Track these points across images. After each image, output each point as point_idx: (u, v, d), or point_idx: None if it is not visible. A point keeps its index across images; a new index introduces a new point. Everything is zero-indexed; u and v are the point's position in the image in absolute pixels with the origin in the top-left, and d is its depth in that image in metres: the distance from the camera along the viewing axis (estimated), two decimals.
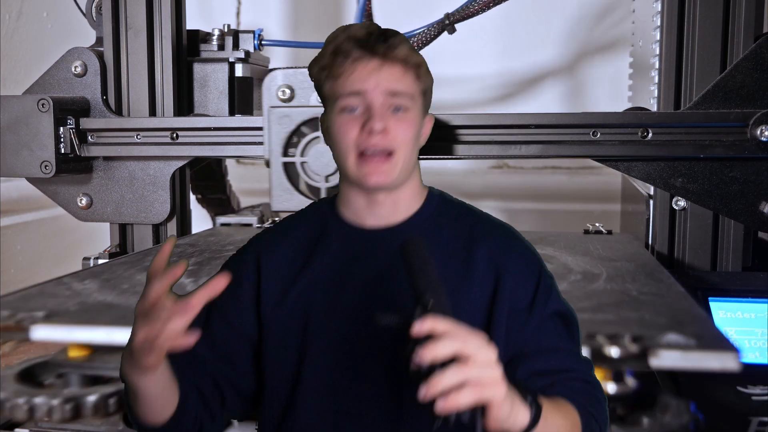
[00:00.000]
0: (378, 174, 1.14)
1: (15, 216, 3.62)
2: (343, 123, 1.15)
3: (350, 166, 1.16)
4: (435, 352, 0.89)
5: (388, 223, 1.22)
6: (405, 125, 1.15)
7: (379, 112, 1.13)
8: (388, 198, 1.20)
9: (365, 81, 1.13)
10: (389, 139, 1.14)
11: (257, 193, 3.25)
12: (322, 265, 1.21)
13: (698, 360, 1.26)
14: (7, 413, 1.57)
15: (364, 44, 1.13)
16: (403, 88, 1.15)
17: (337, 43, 1.15)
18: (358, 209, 1.22)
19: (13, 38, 3.59)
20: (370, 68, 1.13)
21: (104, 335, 1.45)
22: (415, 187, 1.24)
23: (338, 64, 1.15)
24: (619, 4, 3.99)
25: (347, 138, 1.15)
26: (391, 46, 1.14)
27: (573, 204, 4.02)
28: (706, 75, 2.08)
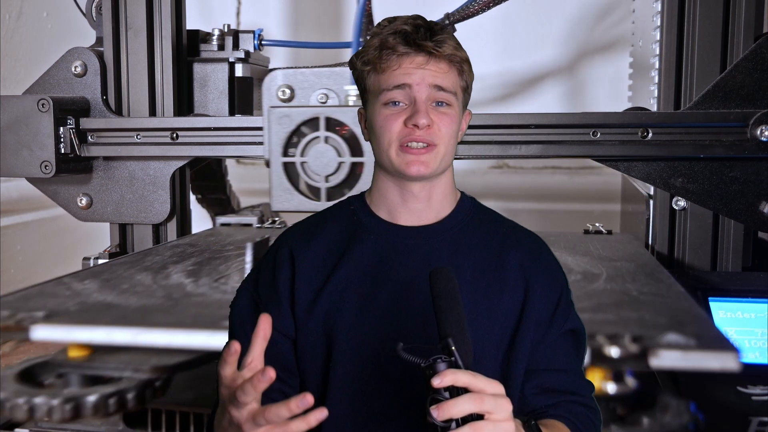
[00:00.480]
0: (419, 163, 1.14)
1: (15, 216, 3.62)
2: (388, 116, 1.15)
3: (393, 155, 1.15)
4: (452, 411, 0.89)
5: (421, 222, 1.21)
6: (447, 120, 1.15)
7: (424, 107, 1.13)
8: (423, 191, 1.20)
9: (411, 75, 1.13)
10: (432, 133, 1.14)
11: (257, 193, 3.25)
12: (354, 266, 1.19)
13: (698, 360, 1.26)
14: (7, 413, 1.57)
15: (411, 39, 1.13)
16: (448, 84, 1.15)
17: (383, 37, 1.15)
18: (393, 205, 1.21)
19: (13, 38, 3.60)
20: (417, 63, 1.13)
21: (104, 335, 1.45)
22: (448, 185, 1.24)
23: (384, 59, 1.14)
24: (619, 4, 3.99)
25: (391, 131, 1.15)
26: (438, 41, 1.13)
27: (573, 204, 4.02)
28: (706, 75, 2.08)
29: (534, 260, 1.21)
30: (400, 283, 1.16)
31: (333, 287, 1.18)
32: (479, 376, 0.92)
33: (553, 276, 1.22)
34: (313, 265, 1.20)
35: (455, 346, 0.92)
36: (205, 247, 2.29)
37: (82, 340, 1.53)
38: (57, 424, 1.64)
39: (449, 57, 1.14)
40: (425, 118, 1.12)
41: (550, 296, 1.19)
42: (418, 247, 1.19)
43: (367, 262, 1.18)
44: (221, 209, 2.96)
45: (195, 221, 2.66)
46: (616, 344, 1.27)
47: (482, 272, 1.18)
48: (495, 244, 1.21)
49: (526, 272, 1.19)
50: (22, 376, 1.63)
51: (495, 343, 1.16)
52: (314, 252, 1.21)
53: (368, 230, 1.21)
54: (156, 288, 1.78)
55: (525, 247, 1.22)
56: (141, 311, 1.60)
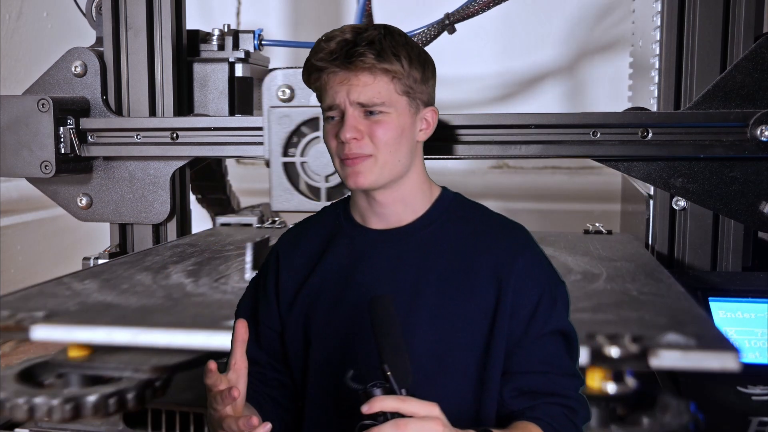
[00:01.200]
0: (356, 174, 1.17)
1: (15, 216, 3.62)
2: (327, 131, 1.21)
3: (338, 168, 1.21)
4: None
5: (392, 224, 1.24)
6: (381, 128, 1.16)
7: (349, 122, 1.16)
8: (386, 197, 1.22)
9: (337, 94, 1.17)
10: (363, 144, 1.16)
11: (257, 193, 3.25)
12: (328, 268, 1.25)
13: (698, 360, 1.26)
14: (7, 413, 1.57)
15: (330, 58, 1.16)
16: (372, 95, 1.16)
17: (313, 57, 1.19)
18: (363, 210, 1.26)
19: (13, 38, 3.60)
20: (339, 81, 1.16)
21: (104, 335, 1.45)
22: (416, 186, 1.24)
23: (313, 79, 1.20)
24: (619, 4, 3.99)
25: (330, 145, 1.20)
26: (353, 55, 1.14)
27: (573, 204, 4.02)
28: (706, 75, 2.08)
29: (511, 260, 1.19)
30: (365, 286, 1.20)
31: (309, 288, 1.25)
32: (410, 400, 0.97)
33: (534, 274, 1.20)
34: (295, 266, 1.28)
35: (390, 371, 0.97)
36: (205, 247, 2.29)
37: (82, 340, 1.53)
38: (57, 424, 1.64)
39: (369, 68, 1.15)
40: (350, 131, 1.15)
41: (528, 296, 1.17)
42: (386, 249, 1.22)
43: (339, 264, 1.24)
44: (221, 209, 2.96)
45: (195, 221, 2.66)
46: (616, 344, 1.27)
47: (451, 274, 1.18)
48: (469, 245, 1.21)
49: (501, 273, 1.17)
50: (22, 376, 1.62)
51: (465, 346, 1.16)
52: (297, 254, 1.29)
53: (344, 233, 1.27)
54: (156, 288, 1.78)
55: (503, 246, 1.21)
56: (141, 311, 1.60)
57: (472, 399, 1.17)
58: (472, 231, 1.23)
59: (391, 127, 1.17)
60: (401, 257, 1.21)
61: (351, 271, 1.23)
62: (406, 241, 1.22)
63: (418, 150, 1.24)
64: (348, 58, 1.14)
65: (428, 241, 1.22)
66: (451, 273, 1.19)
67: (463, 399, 1.16)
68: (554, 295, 1.20)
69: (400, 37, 1.18)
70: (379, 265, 1.22)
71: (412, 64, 1.18)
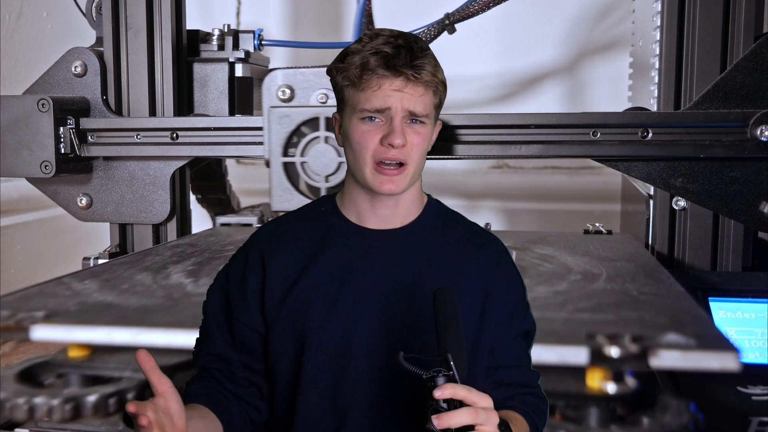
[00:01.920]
0: (391, 183, 1.19)
1: (15, 216, 3.62)
2: (365, 132, 1.20)
3: (367, 173, 1.20)
4: (451, 422, 0.99)
5: (387, 225, 1.27)
6: (420, 138, 1.20)
7: (400, 128, 1.18)
8: (391, 200, 1.25)
9: (389, 99, 1.17)
10: (405, 152, 1.19)
11: (257, 193, 3.25)
12: (323, 266, 1.25)
13: (698, 360, 1.26)
14: (7, 413, 1.57)
15: (392, 64, 1.16)
16: (422, 108, 1.19)
17: (364, 56, 1.18)
18: (362, 210, 1.27)
19: (13, 38, 3.59)
20: (396, 86, 1.17)
21: (104, 335, 1.45)
22: (415, 193, 1.28)
23: (365, 79, 1.18)
24: (619, 4, 3.99)
25: (368, 148, 1.19)
26: (417, 67, 1.17)
27: (573, 204, 4.02)
28: (706, 75, 2.08)
29: (495, 264, 1.27)
30: (364, 285, 1.22)
31: (302, 288, 1.24)
32: (473, 391, 1.01)
33: (512, 280, 1.29)
34: (283, 266, 1.26)
35: (453, 361, 1.02)
36: (205, 247, 2.29)
37: (82, 340, 1.53)
38: (57, 424, 1.64)
39: (426, 83, 1.19)
40: (401, 138, 1.17)
41: (508, 299, 1.26)
42: (383, 249, 1.25)
43: (335, 263, 1.24)
44: (221, 209, 2.96)
45: (195, 221, 2.66)
46: (616, 344, 1.27)
47: (444, 275, 1.23)
48: (458, 249, 1.27)
49: (487, 275, 1.25)
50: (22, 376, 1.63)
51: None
52: (284, 254, 1.27)
53: (338, 232, 1.27)
54: (156, 288, 1.78)
55: (487, 252, 1.28)
56: (141, 311, 1.60)
57: None
58: (458, 237, 1.29)
59: (426, 139, 1.22)
60: (398, 257, 1.24)
61: (348, 270, 1.24)
62: (403, 243, 1.25)
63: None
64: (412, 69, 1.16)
65: (422, 243, 1.26)
66: (444, 275, 1.23)
67: None
68: (525, 299, 1.30)
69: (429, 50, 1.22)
70: (377, 264, 1.24)
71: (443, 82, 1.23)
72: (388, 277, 1.22)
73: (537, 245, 2.23)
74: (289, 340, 1.23)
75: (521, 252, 2.12)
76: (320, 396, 1.21)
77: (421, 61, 1.18)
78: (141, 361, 1.09)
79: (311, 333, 1.22)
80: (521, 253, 2.11)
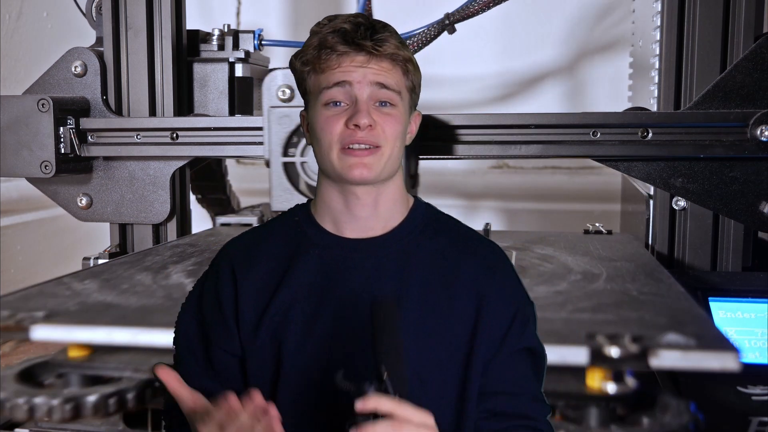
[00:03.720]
0: (362, 166, 1.08)
1: (15, 216, 3.62)
2: (328, 117, 1.10)
3: (334, 159, 1.10)
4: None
5: (367, 233, 1.16)
6: (392, 120, 1.10)
7: (366, 106, 1.08)
8: (368, 196, 1.14)
9: (352, 73, 1.08)
10: (375, 134, 1.09)
11: (257, 193, 3.25)
12: (298, 283, 1.14)
13: (698, 360, 1.26)
14: (7, 413, 1.57)
15: (351, 39, 1.08)
16: (391, 81, 1.10)
17: (322, 36, 1.11)
18: (337, 214, 1.16)
19: (13, 38, 3.59)
20: (358, 62, 1.09)
21: (104, 335, 1.45)
22: (397, 191, 1.17)
23: (323, 58, 1.10)
24: (619, 4, 3.99)
25: (331, 133, 1.10)
26: (379, 40, 1.08)
27: (573, 204, 4.02)
28: (706, 75, 2.08)
29: (489, 274, 1.15)
30: (344, 301, 1.12)
31: (278, 307, 1.13)
32: (406, 405, 0.93)
33: (509, 291, 1.16)
34: (256, 283, 1.15)
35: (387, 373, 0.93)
36: (205, 247, 2.28)
37: (82, 340, 1.53)
38: (57, 424, 1.64)
39: (391, 56, 1.09)
40: (366, 117, 1.07)
41: (504, 312, 1.13)
42: (363, 261, 1.13)
43: (311, 278, 1.14)
44: (221, 209, 2.96)
45: (195, 221, 2.66)
46: (616, 344, 1.27)
47: (431, 287, 1.12)
48: (447, 257, 1.15)
49: (480, 287, 1.13)
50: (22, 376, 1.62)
51: (446, 362, 1.11)
52: (257, 269, 1.16)
53: (313, 243, 1.16)
54: (156, 288, 1.78)
55: (480, 260, 1.16)
56: (141, 311, 1.59)
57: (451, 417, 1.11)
58: (448, 243, 1.17)
59: (399, 121, 1.12)
60: (379, 269, 1.13)
61: (326, 284, 1.13)
62: (384, 252, 1.14)
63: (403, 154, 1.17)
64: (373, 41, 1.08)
65: (406, 252, 1.14)
66: (431, 286, 1.12)
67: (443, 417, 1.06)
68: (526, 313, 1.16)
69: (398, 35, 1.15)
70: (356, 277, 1.13)
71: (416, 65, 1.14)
72: (368, 291, 1.11)
73: (537, 245, 2.22)
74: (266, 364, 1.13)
75: (521, 252, 2.12)
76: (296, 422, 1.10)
77: (382, 35, 1.09)
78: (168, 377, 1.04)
79: (287, 355, 1.11)
80: (521, 253, 2.11)
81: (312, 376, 1.11)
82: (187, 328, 1.20)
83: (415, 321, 1.10)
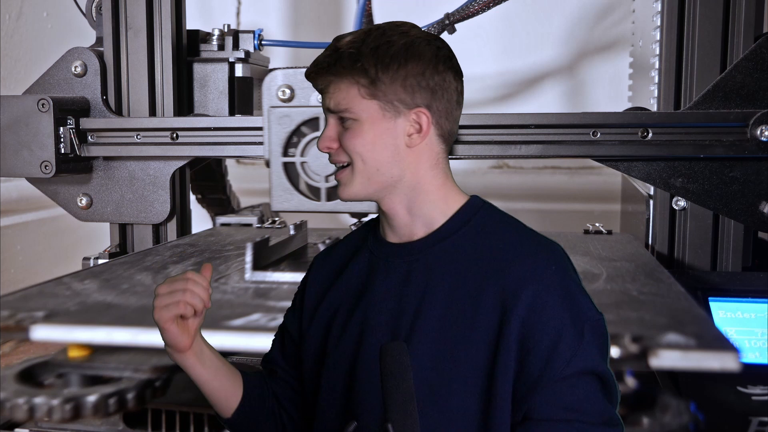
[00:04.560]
0: (341, 185, 1.16)
1: (15, 216, 3.61)
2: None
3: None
4: None
5: (404, 238, 1.17)
6: (349, 135, 1.12)
7: (326, 132, 1.16)
8: (391, 207, 1.15)
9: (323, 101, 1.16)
10: (339, 153, 1.15)
11: (257, 193, 3.25)
12: (347, 282, 1.23)
13: (698, 360, 1.26)
14: (7, 413, 1.57)
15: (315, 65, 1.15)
16: (345, 102, 1.11)
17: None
18: (383, 223, 1.22)
19: (13, 38, 3.59)
20: (320, 87, 1.16)
21: (104, 335, 1.45)
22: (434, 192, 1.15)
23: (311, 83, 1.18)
24: (619, 4, 3.99)
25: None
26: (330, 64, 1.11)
27: (573, 204, 4.02)
28: (706, 75, 2.08)
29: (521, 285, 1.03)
30: (374, 303, 1.15)
31: (330, 301, 1.23)
32: None
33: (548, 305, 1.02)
34: (320, 278, 1.27)
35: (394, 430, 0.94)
36: (205, 247, 2.29)
37: (82, 340, 1.53)
38: (57, 424, 1.64)
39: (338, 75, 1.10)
40: (323, 141, 1.15)
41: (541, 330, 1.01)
42: (398, 266, 1.15)
43: (356, 279, 1.21)
44: (221, 209, 2.96)
45: (195, 221, 2.66)
46: (616, 344, 1.27)
47: (456, 298, 1.07)
48: (481, 265, 1.07)
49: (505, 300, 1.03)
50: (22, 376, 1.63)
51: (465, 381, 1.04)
52: (326, 266, 1.28)
53: (367, 246, 1.24)
54: None
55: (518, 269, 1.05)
56: (141, 311, 1.59)
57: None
58: (490, 249, 1.09)
59: (360, 134, 1.11)
60: (409, 275, 1.12)
61: (364, 287, 1.18)
62: (417, 258, 1.13)
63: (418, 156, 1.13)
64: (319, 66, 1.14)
65: (439, 258, 1.11)
66: (456, 296, 1.07)
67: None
68: (581, 329, 1.02)
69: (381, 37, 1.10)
70: (388, 282, 1.14)
71: (379, 64, 1.08)
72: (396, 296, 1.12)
73: None
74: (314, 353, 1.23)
75: None
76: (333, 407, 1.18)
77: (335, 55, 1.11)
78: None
79: (330, 345, 1.20)
80: None
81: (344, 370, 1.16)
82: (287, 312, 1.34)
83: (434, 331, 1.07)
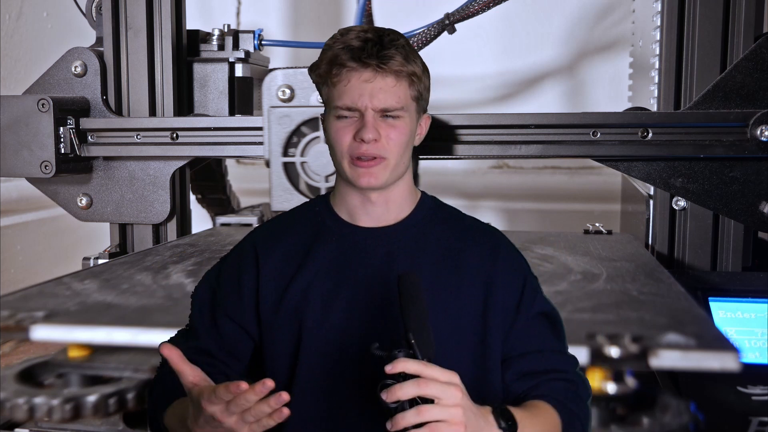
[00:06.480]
0: (368, 176, 1.19)
1: (15, 216, 3.62)
2: (339, 129, 1.21)
3: (345, 168, 1.21)
4: (397, 394, 0.97)
5: (380, 223, 1.26)
6: (396, 132, 1.19)
7: (370, 123, 1.17)
8: (381, 197, 1.24)
9: (359, 96, 1.17)
10: (379, 146, 1.18)
11: (257, 193, 3.25)
12: (317, 265, 1.24)
13: (698, 360, 1.26)
14: (7, 413, 1.57)
15: (358, 56, 1.16)
16: (394, 100, 1.18)
17: (334, 52, 1.18)
18: (353, 208, 1.26)
19: (13, 38, 3.60)
20: (363, 79, 1.17)
21: (104, 335, 1.45)
22: (406, 189, 1.28)
23: (334, 74, 1.19)
24: (619, 4, 4.00)
25: (342, 144, 1.20)
26: (384, 57, 1.16)
27: (573, 204, 4.02)
28: (706, 75, 2.08)
29: (492, 255, 1.25)
30: (360, 282, 1.22)
31: (297, 286, 1.23)
32: (432, 366, 1.00)
33: (514, 266, 1.27)
34: (277, 265, 1.26)
35: (414, 339, 1.01)
36: (205, 247, 2.29)
37: (82, 340, 1.53)
38: (57, 424, 1.64)
39: (396, 72, 1.17)
40: (371, 132, 1.17)
41: (512, 286, 1.24)
42: (377, 247, 1.24)
43: (329, 261, 1.24)
44: (221, 209, 2.96)
45: (195, 221, 2.66)
46: (616, 344, 1.27)
47: (440, 271, 1.23)
48: (453, 243, 1.26)
49: (486, 268, 1.24)
50: (22, 376, 1.63)
51: (458, 338, 1.20)
52: (279, 252, 1.27)
53: (331, 231, 1.27)
54: (156, 288, 1.78)
55: (483, 244, 1.27)
56: (141, 311, 1.60)
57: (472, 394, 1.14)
58: (453, 232, 1.28)
59: (405, 131, 1.21)
60: (392, 254, 1.23)
61: (343, 267, 1.23)
62: (397, 240, 1.25)
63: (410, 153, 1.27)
64: (378, 59, 1.15)
65: (416, 239, 1.25)
66: (440, 270, 1.23)
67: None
68: (533, 283, 1.27)
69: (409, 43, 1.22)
70: (371, 261, 1.23)
71: (424, 71, 1.22)
72: (382, 275, 1.21)
73: (537, 245, 2.22)
74: (286, 341, 1.22)
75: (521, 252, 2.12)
76: (315, 395, 1.20)
77: (388, 51, 1.16)
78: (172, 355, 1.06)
79: (306, 333, 1.21)
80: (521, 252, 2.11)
81: (330, 351, 1.20)
82: (203, 293, 1.30)
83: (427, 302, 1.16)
